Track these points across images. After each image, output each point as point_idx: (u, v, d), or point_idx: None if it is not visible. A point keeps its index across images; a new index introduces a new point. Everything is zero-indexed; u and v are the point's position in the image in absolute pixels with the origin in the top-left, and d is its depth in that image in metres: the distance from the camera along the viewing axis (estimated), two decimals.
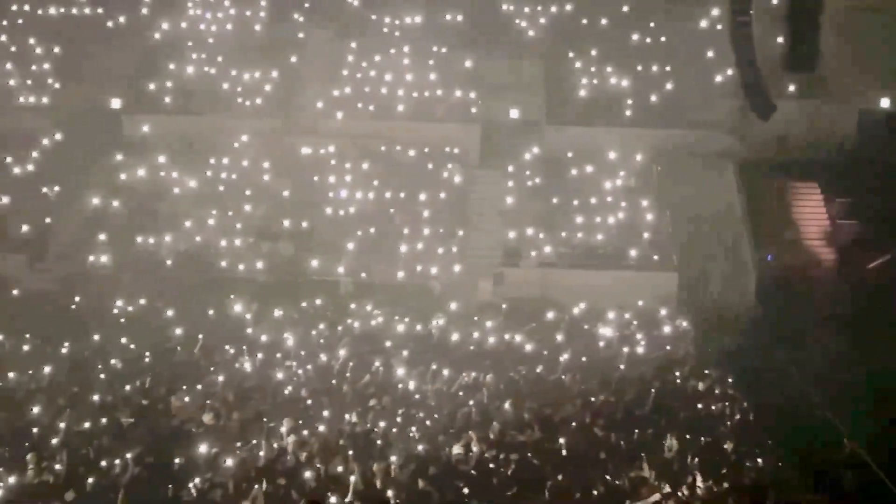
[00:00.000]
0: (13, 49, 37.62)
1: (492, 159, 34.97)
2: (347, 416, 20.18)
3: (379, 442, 18.68)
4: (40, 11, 38.71)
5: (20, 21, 38.41)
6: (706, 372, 23.93)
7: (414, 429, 19.66)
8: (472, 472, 17.53)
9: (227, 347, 24.72)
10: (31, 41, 37.76)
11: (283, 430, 19.02)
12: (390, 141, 35.05)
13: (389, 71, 36.90)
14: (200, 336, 25.27)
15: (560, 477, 17.20)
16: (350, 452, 17.89)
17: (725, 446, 19.25)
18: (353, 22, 38.56)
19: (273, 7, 38.99)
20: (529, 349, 25.53)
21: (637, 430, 19.67)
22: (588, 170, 34.40)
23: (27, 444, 17.90)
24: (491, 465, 17.75)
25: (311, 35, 38.23)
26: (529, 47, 37.89)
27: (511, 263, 31.64)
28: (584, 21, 38.44)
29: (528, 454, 18.07)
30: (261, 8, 38.93)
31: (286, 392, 21.74)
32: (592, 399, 21.58)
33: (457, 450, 18.47)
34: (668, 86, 36.31)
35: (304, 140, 34.88)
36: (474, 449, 18.51)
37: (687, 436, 19.29)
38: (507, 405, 20.82)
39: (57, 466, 17.08)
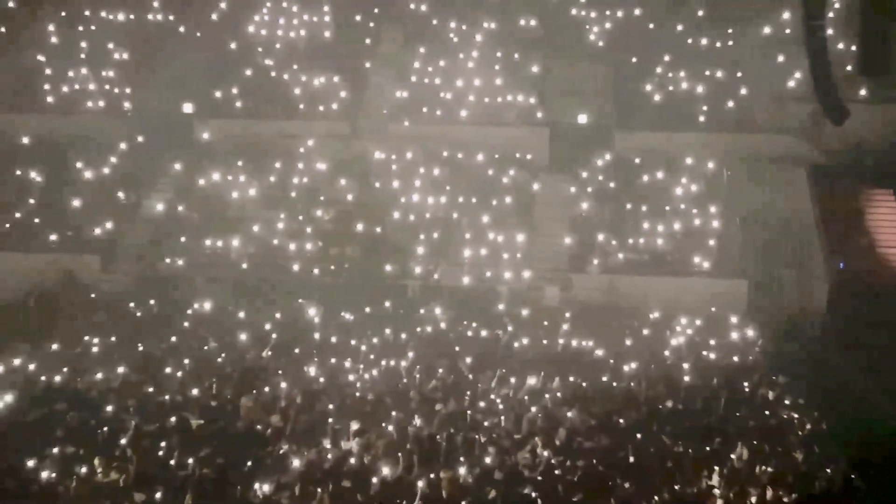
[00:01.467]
0: (88, 54, 38.26)
1: (560, 164, 34.86)
2: (414, 420, 20.21)
3: (445, 446, 18.68)
4: (113, 17, 39.34)
5: (94, 27, 39.06)
6: (776, 380, 23.60)
7: (480, 434, 19.62)
8: (539, 477, 17.46)
9: (296, 350, 24.93)
10: (106, 47, 38.37)
11: (350, 432, 19.10)
12: (458, 146, 35.10)
13: (457, 76, 36.97)
14: (271, 338, 25.54)
15: (626, 485, 17.07)
16: (415, 457, 17.90)
17: (795, 456, 18.96)
18: (421, 27, 38.70)
19: (342, 13, 39.25)
20: (596, 355, 25.40)
21: (705, 439, 19.44)
22: (657, 175, 34.18)
23: (98, 444, 18.14)
24: (557, 472, 17.66)
25: (380, 40, 38.44)
26: (599, 52, 37.74)
27: (578, 269, 31.51)
28: (655, 25, 38.19)
29: (595, 461, 17.95)
30: (329, 14, 39.20)
31: (354, 395, 21.83)
32: (660, 407, 21.39)
33: (523, 455, 18.42)
34: (741, 91, 35.93)
35: (372, 145, 35.07)
36: (540, 455, 18.45)
37: (756, 445, 19.04)
38: (573, 411, 20.73)
39: (127, 466, 17.28)
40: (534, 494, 16.58)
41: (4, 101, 36.51)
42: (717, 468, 17.90)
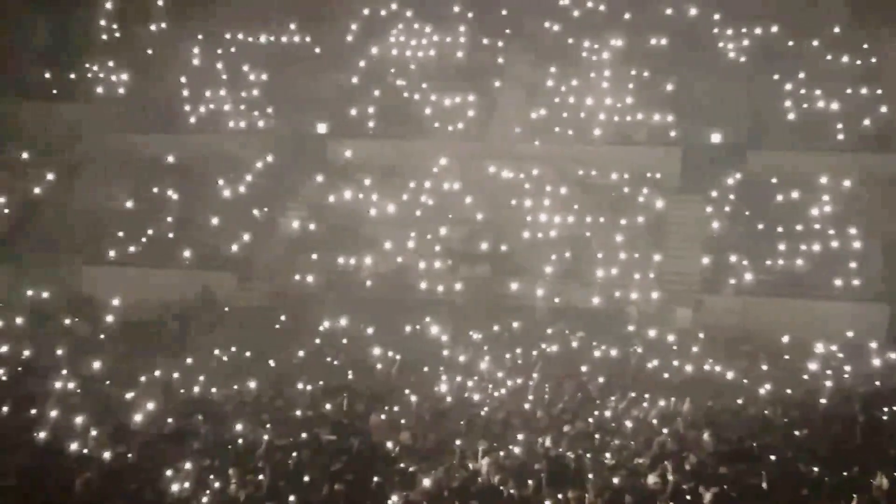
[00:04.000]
0: (226, 76, 39.28)
1: (692, 184, 34.29)
2: (541, 441, 20.10)
3: (573, 467, 18.51)
4: (251, 39, 40.28)
5: (233, 49, 40.07)
6: None
7: (609, 456, 19.39)
8: (670, 502, 17.16)
9: (424, 368, 25.06)
10: (244, 68, 39.33)
11: (478, 451, 19.08)
12: (589, 164, 34.89)
13: (588, 95, 36.77)
14: (398, 356, 25.74)
15: None
16: (543, 476, 17.79)
17: None
18: (552, 46, 38.62)
19: (474, 33, 39.44)
20: (729, 378, 24.90)
21: (843, 467, 18.84)
22: (793, 195, 33.30)
23: (231, 457, 18.49)
24: (688, 497, 17.33)
25: (511, 60, 38.51)
26: (733, 69, 37.07)
27: (711, 291, 30.96)
28: (791, 42, 37.35)
29: (726, 486, 17.55)
30: (462, 34, 39.43)
31: (481, 414, 21.83)
32: (796, 432, 20.83)
33: (652, 479, 18.13)
34: (881, 109, 34.85)
35: (502, 164, 35.10)
36: (670, 479, 18.13)
37: None
38: (705, 435, 20.34)
39: (259, 478, 17.57)
40: None
41: (149, 122, 37.68)
42: (855, 497, 17.32)
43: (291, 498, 16.67)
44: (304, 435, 19.81)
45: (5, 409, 21.01)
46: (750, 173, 34.36)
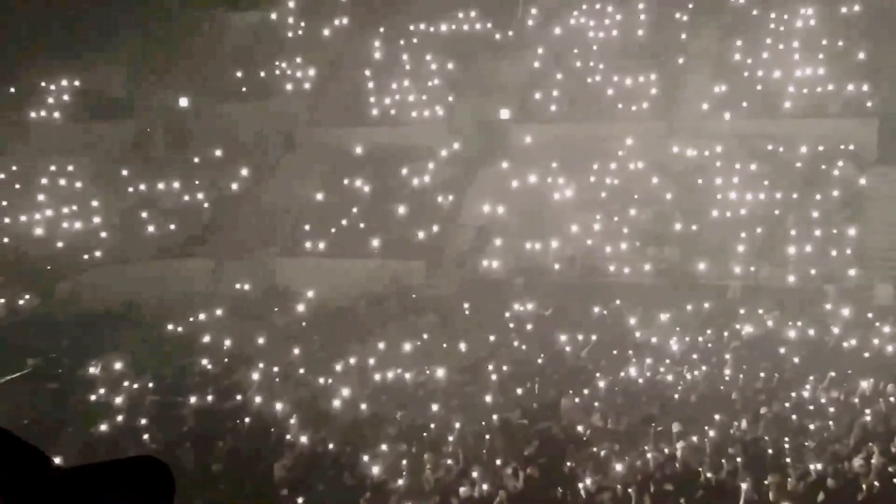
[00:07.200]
0: (410, 66, 39.81)
1: (891, 155, 32.84)
2: (737, 423, 19.70)
3: (770, 451, 18.09)
4: (434, 29, 40.67)
5: (415, 40, 40.56)
6: None
7: (808, 438, 18.86)
8: (875, 483, 16.58)
9: (614, 351, 24.88)
10: (427, 58, 39.79)
11: (672, 434, 18.85)
12: (779, 139, 33.86)
13: (778, 67, 35.67)
14: (590, 339, 25.63)
15: None
16: (739, 460, 17.45)
17: None
18: (738, 19, 37.64)
19: (655, 9, 38.78)
20: None
21: None
22: None
23: (425, 443, 18.80)
24: (895, 480, 16.69)
25: (695, 35, 37.70)
26: None
27: None
28: None
29: None
30: (643, 11, 38.84)
31: (675, 397, 21.54)
32: None
33: (857, 462, 17.53)
34: None
35: (689, 142, 34.44)
36: (874, 462, 17.49)
37: None
38: None
39: (450, 462, 17.83)
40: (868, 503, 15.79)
41: (336, 116, 38.59)
42: None
43: (485, 484, 16.85)
44: (495, 419, 19.96)
45: (211, 398, 21.96)
46: None
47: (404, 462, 17.99)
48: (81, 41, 38.49)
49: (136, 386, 22.94)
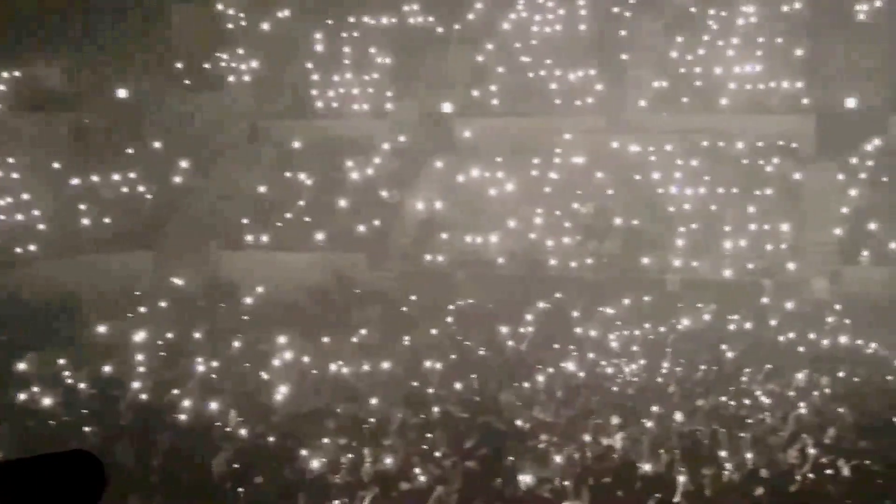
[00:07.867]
0: (351, 60, 39.66)
1: (827, 152, 33.34)
2: (675, 415, 19.92)
3: (707, 443, 18.31)
4: (376, 22, 40.56)
5: (356, 33, 40.42)
6: None
7: (744, 430, 19.12)
8: (809, 475, 16.84)
9: (555, 345, 25.04)
10: (370, 51, 39.66)
11: (611, 427, 19.02)
12: (718, 135, 34.25)
13: (717, 64, 36.06)
14: (530, 332, 25.79)
15: None
16: (677, 452, 17.64)
17: None
18: (679, 15, 37.98)
19: (597, 5, 38.98)
20: (872, 351, 24.26)
21: None
22: None
23: (365, 436, 18.81)
24: (828, 472, 16.97)
25: (637, 31, 37.97)
26: (869, 31, 35.85)
27: (849, 261, 30.11)
28: None
29: (867, 462, 17.13)
30: (585, 6, 39.03)
31: (614, 389, 21.74)
32: None
33: (791, 454, 17.81)
34: None
35: (629, 137, 34.72)
36: (809, 453, 17.78)
37: None
38: (845, 409, 19.87)
39: (392, 456, 17.85)
40: (802, 494, 16.03)
41: (278, 108, 38.42)
42: None
43: (424, 477, 16.89)
44: (436, 412, 20.01)
45: (150, 392, 21.78)
46: (889, 139, 33.23)
47: (345, 456, 17.96)
48: (20, 31, 37.86)
49: (73, 381, 22.67)
